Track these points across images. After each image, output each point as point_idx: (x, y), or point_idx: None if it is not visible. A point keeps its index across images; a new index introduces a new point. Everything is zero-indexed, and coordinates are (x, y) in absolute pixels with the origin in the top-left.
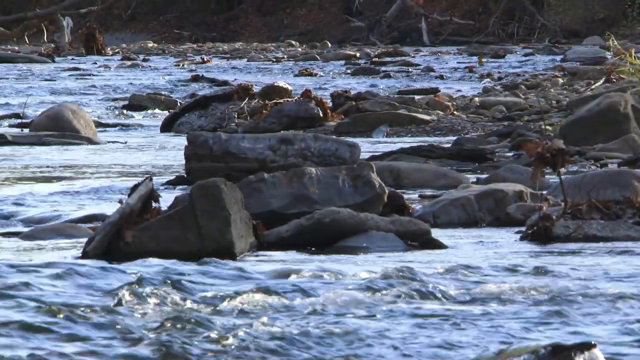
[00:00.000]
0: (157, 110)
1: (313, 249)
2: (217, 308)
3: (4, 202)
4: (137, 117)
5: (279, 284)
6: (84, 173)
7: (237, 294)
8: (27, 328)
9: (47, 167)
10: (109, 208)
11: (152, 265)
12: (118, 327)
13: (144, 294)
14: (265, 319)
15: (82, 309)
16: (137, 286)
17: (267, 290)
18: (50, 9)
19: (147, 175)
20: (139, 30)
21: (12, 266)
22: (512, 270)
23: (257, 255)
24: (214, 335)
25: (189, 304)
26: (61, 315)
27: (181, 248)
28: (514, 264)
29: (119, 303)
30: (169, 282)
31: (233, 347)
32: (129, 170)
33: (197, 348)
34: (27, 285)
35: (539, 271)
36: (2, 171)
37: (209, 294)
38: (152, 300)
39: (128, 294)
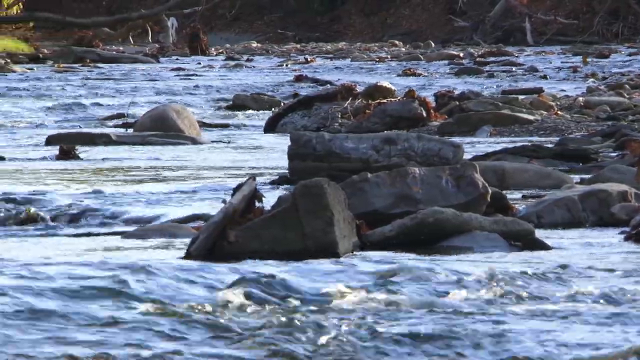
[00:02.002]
0: (260, 111)
1: (416, 249)
2: (320, 308)
3: (108, 202)
4: (241, 117)
5: (382, 284)
6: (187, 173)
7: (341, 293)
8: (131, 327)
9: (151, 167)
10: (213, 208)
11: (255, 265)
12: (220, 326)
13: (246, 294)
14: (368, 319)
15: (185, 308)
16: (240, 286)
17: (371, 290)
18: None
19: (250, 175)
20: (243, 30)
21: (115, 266)
22: (616, 271)
23: (360, 255)
24: (316, 335)
25: (291, 303)
26: (164, 315)
27: (284, 248)
28: (617, 264)
29: (222, 303)
30: (272, 281)
31: (335, 347)
32: (232, 170)
33: (299, 348)
34: (130, 284)
35: None
36: (106, 171)
37: (312, 294)
38: (255, 300)
39: (231, 294)
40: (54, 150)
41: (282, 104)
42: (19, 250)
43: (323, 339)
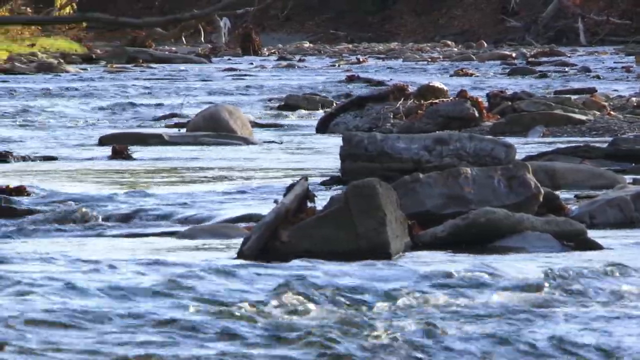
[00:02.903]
0: (312, 111)
1: (468, 249)
2: (373, 308)
3: (162, 202)
4: (293, 117)
5: (434, 284)
6: (239, 173)
7: (393, 293)
8: (185, 327)
9: (203, 167)
10: (265, 208)
11: (308, 265)
12: (273, 327)
13: (299, 294)
14: (421, 320)
15: (238, 308)
16: (292, 286)
17: (423, 291)
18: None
19: (302, 175)
20: (295, 30)
21: (167, 266)
22: None
23: (412, 256)
24: (369, 336)
25: (344, 303)
26: (217, 315)
27: (336, 248)
28: None
29: (275, 303)
30: (324, 281)
31: (389, 347)
32: (284, 170)
33: (353, 348)
34: (182, 285)
35: None
36: (158, 171)
37: (364, 294)
38: (308, 300)
39: (283, 294)
40: (107, 150)
41: (334, 104)
42: (71, 250)
43: (375, 340)
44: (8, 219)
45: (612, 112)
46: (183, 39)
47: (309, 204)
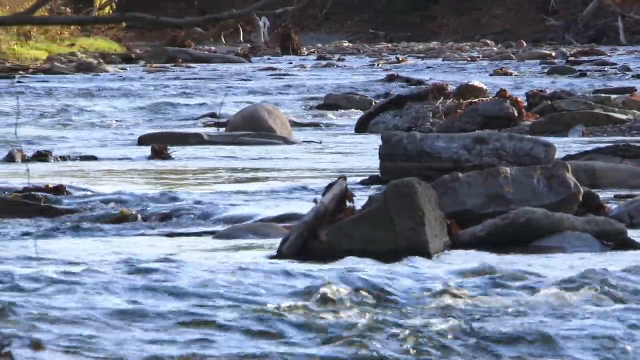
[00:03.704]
0: (352, 110)
1: (507, 249)
2: (411, 307)
3: (201, 202)
4: (332, 116)
5: (473, 284)
6: (279, 172)
7: (432, 293)
8: (224, 327)
9: (242, 167)
10: (304, 207)
11: (347, 265)
12: (313, 326)
13: (338, 293)
14: (460, 319)
15: (276, 307)
16: (331, 285)
17: (462, 290)
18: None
19: (341, 175)
20: (335, 30)
21: (207, 265)
22: None
23: (451, 255)
24: (407, 334)
25: (382, 303)
26: (256, 314)
27: (375, 247)
28: None
29: (314, 302)
30: (363, 281)
31: (427, 347)
32: (323, 169)
33: (391, 347)
34: (222, 284)
35: None
36: (197, 171)
37: (403, 293)
38: (346, 299)
39: (322, 293)
40: (146, 150)
41: (373, 104)
42: (110, 249)
43: (414, 339)
44: (48, 218)
45: None
46: (222, 38)
47: (348, 204)
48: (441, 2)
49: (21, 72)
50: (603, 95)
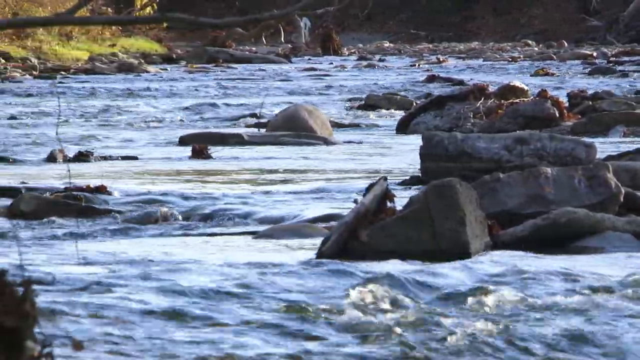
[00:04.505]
0: (392, 110)
1: (548, 249)
2: (452, 307)
3: (242, 202)
4: (373, 117)
5: (514, 284)
6: (319, 173)
7: (472, 293)
8: (264, 327)
9: (283, 167)
10: (344, 208)
11: (387, 265)
12: (353, 326)
13: (378, 294)
14: (501, 319)
15: (317, 308)
16: (371, 286)
17: (502, 290)
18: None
19: (381, 175)
20: (375, 30)
21: (247, 266)
22: None
23: (491, 255)
24: (449, 334)
25: (422, 303)
26: (297, 315)
27: (416, 248)
28: None
29: (354, 302)
30: (404, 281)
31: (468, 347)
32: (364, 170)
33: (431, 347)
34: (262, 284)
35: None
36: (238, 171)
37: (443, 293)
38: (386, 300)
39: (363, 294)
40: (187, 150)
41: (414, 104)
42: (151, 249)
43: (456, 339)
44: (89, 218)
45: None
46: (263, 39)
47: (389, 204)
48: (481, 1)
49: (62, 73)
50: None
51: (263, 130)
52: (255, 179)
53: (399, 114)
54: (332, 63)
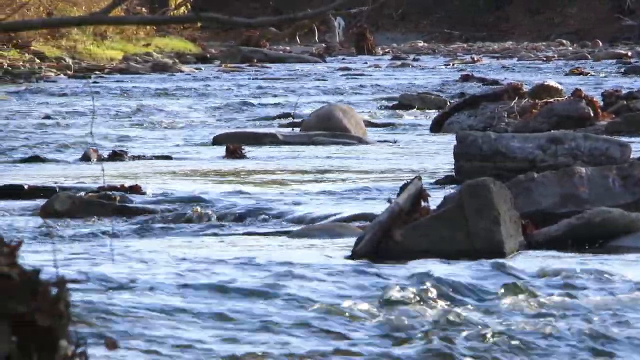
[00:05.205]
0: (427, 110)
1: (583, 249)
2: (487, 308)
3: (275, 202)
4: (407, 116)
5: (548, 284)
6: (354, 172)
7: (507, 293)
8: (297, 326)
9: (317, 167)
10: (378, 207)
11: (421, 265)
12: (387, 326)
13: (412, 294)
14: (536, 319)
15: (351, 308)
16: (405, 286)
17: (537, 290)
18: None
19: (416, 175)
20: (410, 30)
21: (281, 265)
22: None
23: (526, 255)
24: (483, 335)
25: (456, 303)
26: (330, 314)
27: (450, 247)
28: None
29: (388, 302)
30: (437, 281)
31: (503, 347)
32: (398, 169)
33: (465, 348)
34: (296, 284)
35: None
36: (272, 171)
37: (477, 293)
38: (421, 300)
39: (397, 294)
40: (221, 149)
41: (448, 104)
42: (185, 249)
43: (490, 339)
44: (123, 218)
45: None
46: (297, 38)
47: (423, 204)
48: (515, 1)
49: (97, 72)
50: None
51: (297, 130)
52: (289, 179)
53: (433, 113)
54: (366, 63)
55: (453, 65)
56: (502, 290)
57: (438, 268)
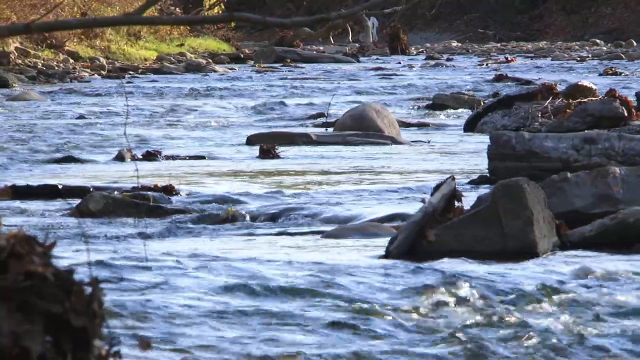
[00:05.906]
0: (460, 110)
1: (617, 249)
2: (520, 307)
3: (308, 202)
4: (441, 116)
5: (582, 284)
6: (387, 172)
7: (540, 293)
8: (332, 326)
9: (350, 167)
10: (412, 207)
11: (455, 265)
12: (421, 326)
13: (447, 293)
14: (571, 319)
15: (385, 307)
16: (440, 285)
17: (571, 290)
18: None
19: (450, 175)
20: (443, 29)
21: (315, 265)
22: None
23: (559, 255)
24: (518, 335)
25: (490, 303)
26: (364, 314)
27: (484, 247)
28: None
29: (423, 302)
30: (471, 281)
31: (538, 347)
32: (431, 169)
33: (501, 347)
34: (330, 284)
35: None
36: (306, 171)
37: (511, 293)
38: (454, 299)
39: (431, 293)
40: (255, 149)
41: (482, 104)
42: (218, 249)
43: (525, 339)
44: (156, 218)
45: None
46: (331, 38)
47: (457, 204)
48: (550, 1)
49: (130, 72)
50: None
51: (331, 130)
52: (322, 179)
53: (467, 113)
54: (399, 62)
55: (486, 64)
56: (536, 291)
57: (472, 268)
